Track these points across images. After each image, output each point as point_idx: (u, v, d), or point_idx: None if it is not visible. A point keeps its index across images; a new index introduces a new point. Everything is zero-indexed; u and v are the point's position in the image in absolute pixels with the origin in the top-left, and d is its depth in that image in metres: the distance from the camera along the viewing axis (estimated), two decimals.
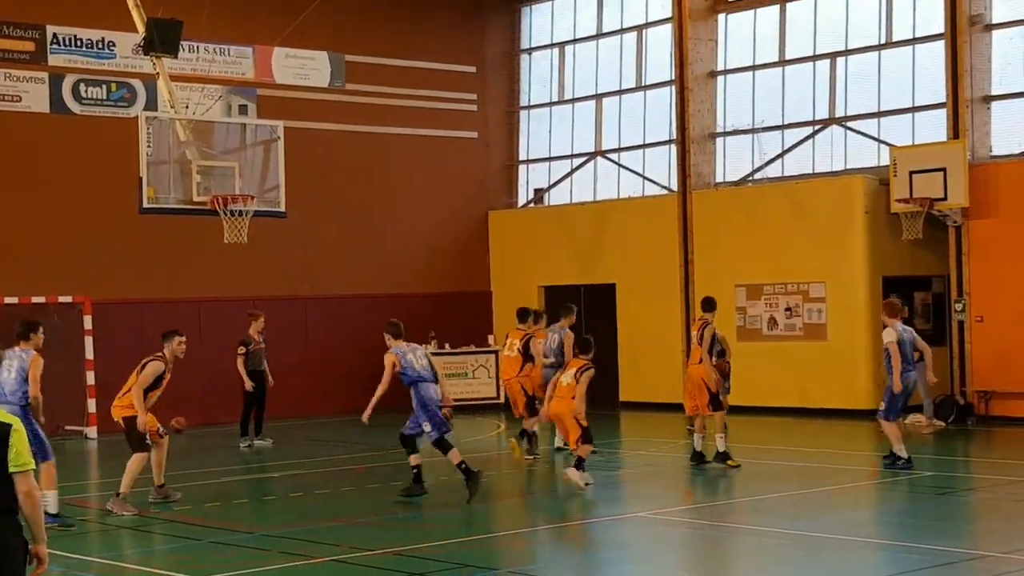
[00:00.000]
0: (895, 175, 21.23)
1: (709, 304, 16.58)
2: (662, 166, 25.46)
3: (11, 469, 5.82)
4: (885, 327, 15.40)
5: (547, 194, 27.54)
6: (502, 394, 25.16)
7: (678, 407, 23.49)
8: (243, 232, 17.42)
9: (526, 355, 17.15)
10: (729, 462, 15.62)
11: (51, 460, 12.48)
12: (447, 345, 25.09)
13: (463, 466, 13.64)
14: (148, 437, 13.68)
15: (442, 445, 13.81)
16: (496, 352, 25.41)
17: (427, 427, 13.73)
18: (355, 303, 24.89)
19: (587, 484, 14.06)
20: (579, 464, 14.09)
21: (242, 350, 19.54)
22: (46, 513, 10.62)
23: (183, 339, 14.43)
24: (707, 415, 16.00)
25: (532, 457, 16.87)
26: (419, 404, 13.78)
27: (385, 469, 16.43)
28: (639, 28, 25.97)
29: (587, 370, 14.21)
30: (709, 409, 15.93)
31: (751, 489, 14.46)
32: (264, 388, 19.78)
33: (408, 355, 13.87)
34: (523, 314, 17.74)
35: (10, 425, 5.87)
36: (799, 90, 23.82)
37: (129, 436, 13.75)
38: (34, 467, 5.93)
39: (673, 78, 24.77)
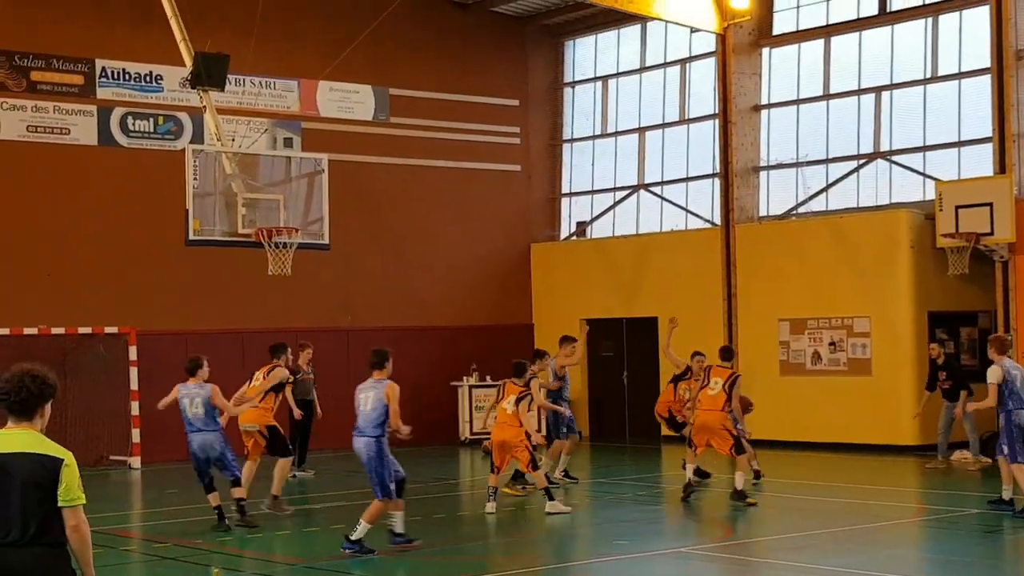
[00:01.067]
0: (941, 210, 21.09)
1: (729, 353, 16.47)
2: (705, 200, 25.43)
3: (60, 503, 5.83)
4: (992, 364, 14.22)
5: (590, 227, 27.55)
6: (543, 426, 25.20)
7: None
8: (287, 264, 17.53)
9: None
10: (748, 500, 15.42)
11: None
12: (488, 378, 25.08)
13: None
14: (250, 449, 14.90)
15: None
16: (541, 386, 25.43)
17: None
18: (396, 335, 24.90)
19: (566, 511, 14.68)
20: (548, 494, 14.68)
21: (290, 379, 19.59)
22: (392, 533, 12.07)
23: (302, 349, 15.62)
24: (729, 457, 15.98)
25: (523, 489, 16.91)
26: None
27: (428, 501, 16.41)
28: (682, 62, 26.00)
29: (523, 397, 14.60)
30: (732, 453, 15.72)
31: (792, 526, 14.35)
32: (311, 419, 19.83)
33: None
34: (520, 369, 15.73)
35: (61, 460, 5.88)
36: (844, 124, 23.75)
37: (272, 444, 15.29)
38: (84, 502, 5.92)
39: (716, 112, 24.78)
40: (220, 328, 23.23)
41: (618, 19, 26.17)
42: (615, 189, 27.22)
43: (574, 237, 27.67)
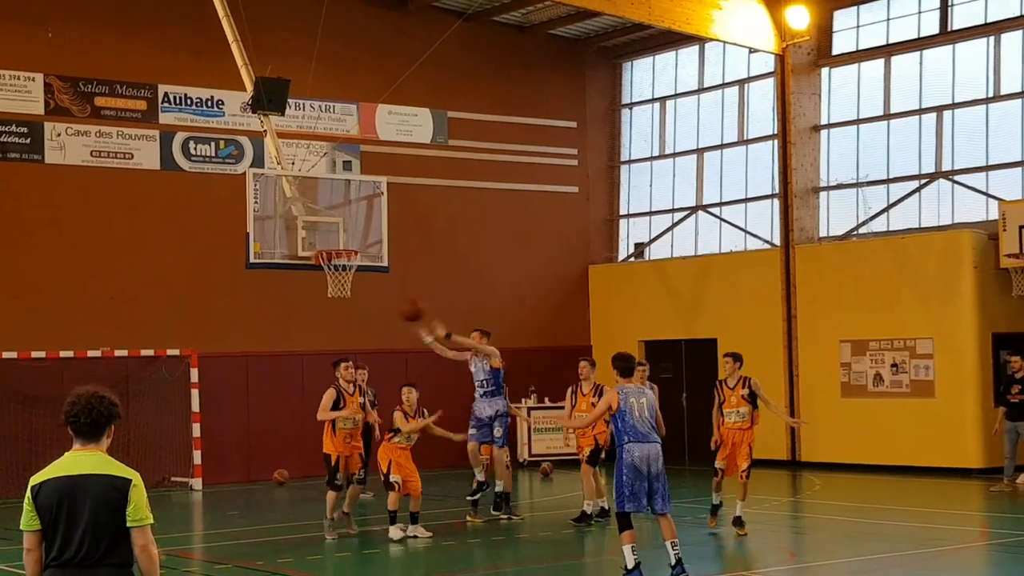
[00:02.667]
0: (1004, 230, 20.84)
1: (740, 357, 15.45)
2: (764, 220, 25.29)
3: (129, 523, 5.90)
4: None
5: (648, 248, 27.49)
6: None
7: (779, 463, 23.27)
8: (346, 286, 17.61)
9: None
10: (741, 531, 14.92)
11: None
12: (546, 399, 25.06)
13: None
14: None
15: None
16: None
17: None
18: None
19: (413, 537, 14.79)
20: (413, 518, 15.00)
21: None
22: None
23: (347, 363, 15.64)
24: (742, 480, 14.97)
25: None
26: None
27: (486, 523, 16.40)
28: (741, 82, 25.92)
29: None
30: (745, 477, 14.90)
31: (855, 549, 14.18)
32: (369, 441, 19.87)
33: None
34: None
35: (130, 480, 5.95)
36: (905, 144, 23.55)
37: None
38: (152, 522, 5.99)
39: (776, 132, 24.66)
40: (280, 350, 23.40)
41: (676, 40, 26.14)
42: (673, 210, 27.14)
43: (632, 258, 27.61)
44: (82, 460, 5.95)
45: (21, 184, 21.52)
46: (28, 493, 5.92)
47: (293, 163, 21.87)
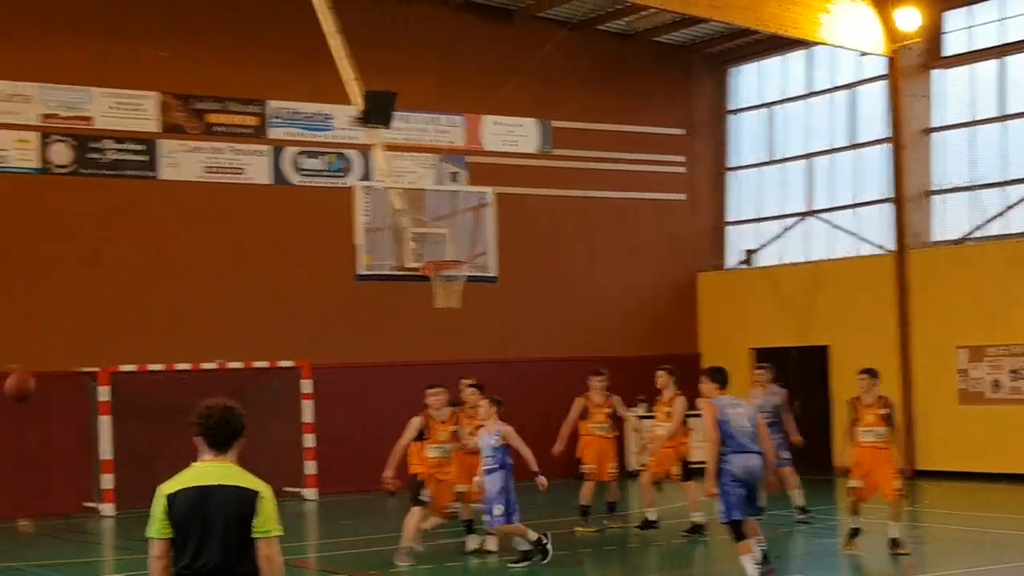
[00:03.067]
0: None
1: (876, 373, 14.50)
2: (876, 225, 24.89)
3: (254, 534, 6.02)
4: None
5: (757, 255, 27.21)
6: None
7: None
8: (455, 297, 17.69)
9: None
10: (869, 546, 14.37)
11: None
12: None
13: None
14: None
15: None
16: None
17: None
18: (562, 366, 24.93)
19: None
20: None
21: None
22: None
23: (432, 390, 14.88)
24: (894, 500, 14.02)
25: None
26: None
27: (593, 534, 16.34)
28: (850, 86, 25.56)
29: None
30: (897, 496, 13.89)
31: (974, 559, 13.87)
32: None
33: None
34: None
35: (257, 492, 6.07)
36: (1021, 145, 23.01)
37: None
38: (280, 534, 6.10)
39: (887, 136, 24.27)
40: (390, 361, 23.59)
41: (783, 45, 25.87)
42: (782, 216, 26.84)
43: (741, 266, 27.36)
44: (212, 471, 6.08)
45: (137, 201, 22.00)
46: (163, 502, 6.02)
47: (401, 175, 22.07)
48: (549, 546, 13.73)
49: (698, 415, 13.29)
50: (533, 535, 13.67)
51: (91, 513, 20.61)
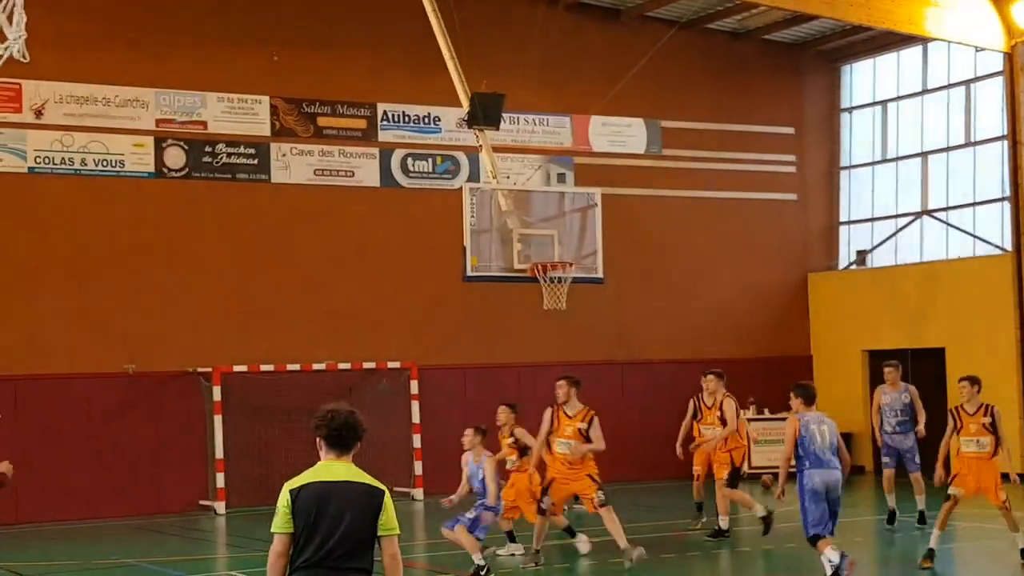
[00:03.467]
0: None
1: (978, 381, 13.85)
2: (994, 225, 24.30)
3: (380, 532, 6.21)
4: None
5: (870, 255, 26.75)
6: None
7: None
8: (562, 298, 17.65)
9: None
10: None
11: None
12: (766, 411, 24.62)
13: None
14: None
15: None
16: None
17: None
18: (671, 368, 24.77)
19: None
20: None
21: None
22: None
23: (559, 382, 14.36)
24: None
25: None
26: None
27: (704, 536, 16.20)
28: (967, 83, 25.00)
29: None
30: (1005, 507, 13.40)
31: None
32: None
33: None
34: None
35: (383, 491, 6.27)
36: None
37: None
38: (399, 532, 6.30)
39: (1005, 133, 23.69)
40: (497, 362, 23.63)
41: (897, 41, 25.40)
42: (896, 216, 26.35)
43: (853, 266, 26.91)
44: (338, 469, 6.27)
45: (250, 203, 22.33)
46: (287, 497, 6.17)
47: (508, 177, 22.10)
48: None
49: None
50: (479, 559, 13.52)
51: (204, 511, 20.96)
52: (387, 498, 6.25)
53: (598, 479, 14.04)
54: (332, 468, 6.26)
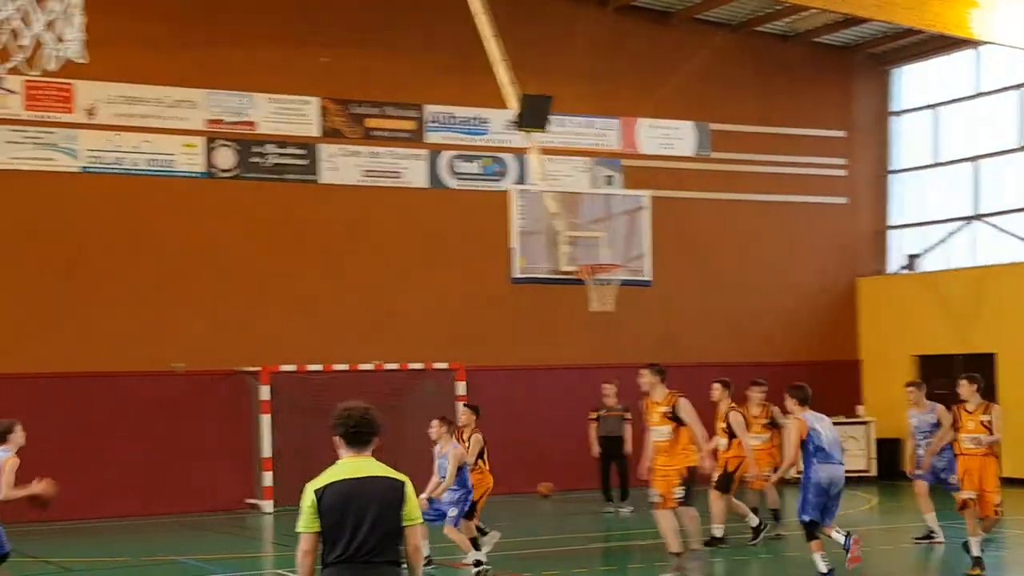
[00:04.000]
0: None
1: (979, 379, 13.91)
2: None
3: (404, 523, 6.32)
4: None
5: (920, 260, 26.53)
6: (873, 465, 24.36)
7: None
8: (609, 300, 17.62)
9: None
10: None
11: None
12: None
13: None
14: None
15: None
16: (866, 423, 24.63)
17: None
18: (718, 371, 24.59)
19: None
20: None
21: (593, 415, 19.91)
22: None
23: (642, 370, 14.06)
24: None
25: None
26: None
27: (745, 540, 16.11)
28: (1020, 87, 24.73)
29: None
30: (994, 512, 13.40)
31: None
32: (617, 454, 19.83)
33: None
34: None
35: (404, 483, 6.39)
36: None
37: None
38: (421, 521, 6.45)
39: None
40: (544, 364, 23.63)
41: (949, 45, 25.17)
42: (947, 220, 26.11)
43: (903, 271, 26.70)
44: (358, 465, 6.37)
45: (298, 204, 22.44)
46: (311, 497, 6.27)
47: (556, 179, 22.08)
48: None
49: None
50: (475, 555, 13.49)
51: (252, 509, 21.08)
52: (408, 489, 6.37)
53: (684, 474, 13.39)
54: (353, 465, 6.36)
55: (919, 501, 15.81)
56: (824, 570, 12.19)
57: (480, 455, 14.69)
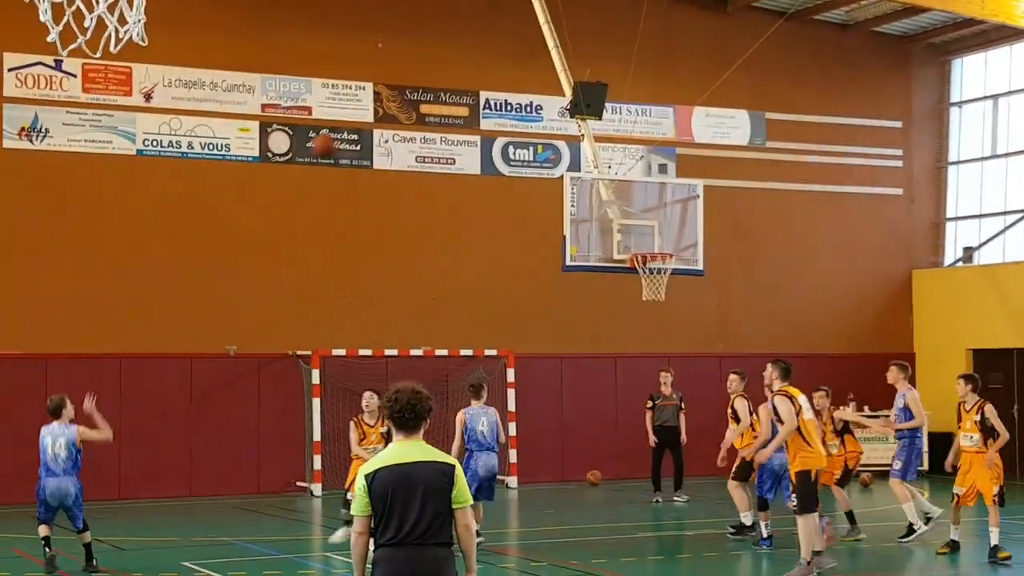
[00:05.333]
0: None
1: (973, 378, 14.34)
2: None
3: (454, 505, 6.39)
4: None
5: (977, 252, 26.22)
6: (925, 460, 24.09)
7: None
8: (661, 289, 17.52)
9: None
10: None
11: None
12: (866, 408, 24.24)
13: None
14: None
15: None
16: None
17: None
18: (769, 362, 24.51)
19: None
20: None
21: (649, 404, 19.83)
22: None
23: (768, 365, 13.61)
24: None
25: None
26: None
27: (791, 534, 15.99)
28: None
29: None
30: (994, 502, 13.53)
31: None
32: (674, 443, 19.77)
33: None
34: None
35: (453, 466, 6.45)
36: None
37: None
38: (472, 503, 6.51)
39: None
40: (594, 352, 23.58)
41: (1010, 35, 24.84)
42: (1005, 213, 25.79)
43: (960, 263, 26.40)
44: (409, 450, 6.43)
45: (351, 189, 22.51)
46: (363, 482, 6.37)
47: (609, 167, 21.98)
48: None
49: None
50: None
51: (301, 492, 21.21)
52: (457, 472, 6.42)
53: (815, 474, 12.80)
54: (404, 449, 6.43)
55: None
56: (765, 533, 14.13)
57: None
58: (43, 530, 12.96)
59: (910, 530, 14.95)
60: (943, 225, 26.94)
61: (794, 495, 12.36)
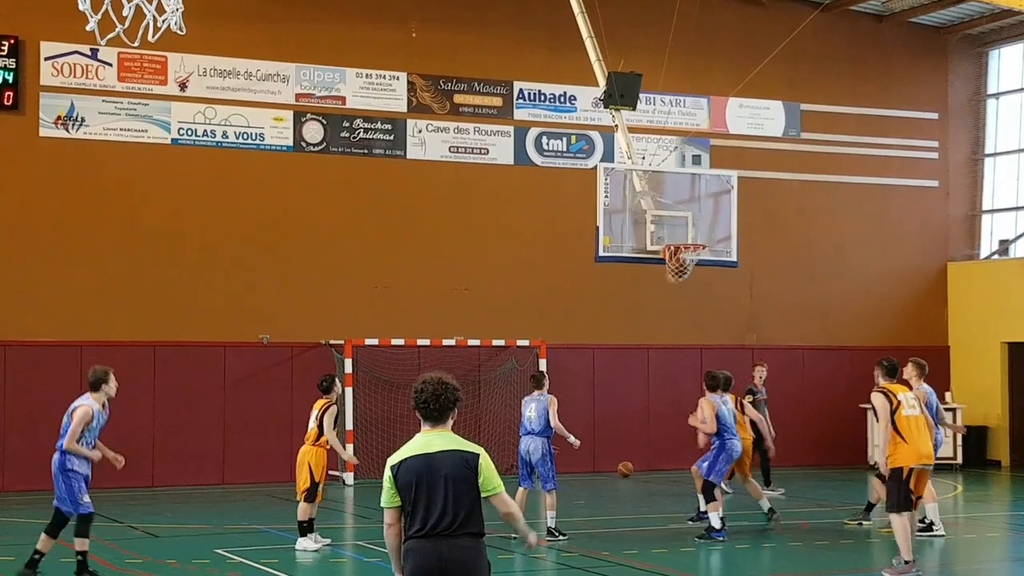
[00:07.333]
0: None
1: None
2: None
3: (484, 494, 6.38)
4: None
5: (1013, 245, 26.02)
6: (960, 453, 23.95)
7: None
8: (688, 268, 17.20)
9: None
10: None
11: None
12: None
13: None
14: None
15: None
16: (954, 409, 24.23)
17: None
18: (804, 355, 24.46)
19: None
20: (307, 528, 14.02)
21: (750, 398, 18.96)
22: None
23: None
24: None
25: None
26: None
27: (835, 525, 15.95)
28: None
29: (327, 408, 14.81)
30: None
31: None
32: (760, 437, 19.41)
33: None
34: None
35: (478, 455, 6.42)
36: None
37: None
38: (503, 489, 6.46)
39: None
40: (626, 343, 23.55)
41: None
42: None
43: (996, 256, 26.21)
44: (434, 440, 6.41)
45: (385, 179, 22.55)
46: (388, 472, 6.38)
47: (643, 157, 21.93)
48: None
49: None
50: None
51: (334, 481, 21.26)
52: (482, 459, 6.38)
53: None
54: (429, 440, 6.41)
55: None
56: (717, 525, 14.47)
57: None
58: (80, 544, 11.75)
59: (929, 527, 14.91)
60: (979, 217, 26.75)
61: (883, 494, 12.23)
